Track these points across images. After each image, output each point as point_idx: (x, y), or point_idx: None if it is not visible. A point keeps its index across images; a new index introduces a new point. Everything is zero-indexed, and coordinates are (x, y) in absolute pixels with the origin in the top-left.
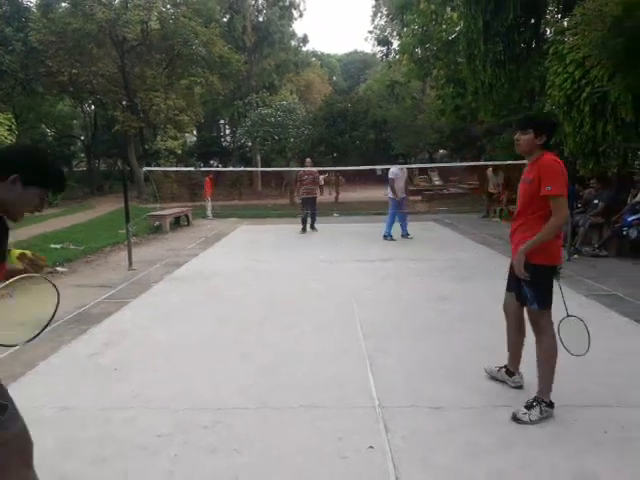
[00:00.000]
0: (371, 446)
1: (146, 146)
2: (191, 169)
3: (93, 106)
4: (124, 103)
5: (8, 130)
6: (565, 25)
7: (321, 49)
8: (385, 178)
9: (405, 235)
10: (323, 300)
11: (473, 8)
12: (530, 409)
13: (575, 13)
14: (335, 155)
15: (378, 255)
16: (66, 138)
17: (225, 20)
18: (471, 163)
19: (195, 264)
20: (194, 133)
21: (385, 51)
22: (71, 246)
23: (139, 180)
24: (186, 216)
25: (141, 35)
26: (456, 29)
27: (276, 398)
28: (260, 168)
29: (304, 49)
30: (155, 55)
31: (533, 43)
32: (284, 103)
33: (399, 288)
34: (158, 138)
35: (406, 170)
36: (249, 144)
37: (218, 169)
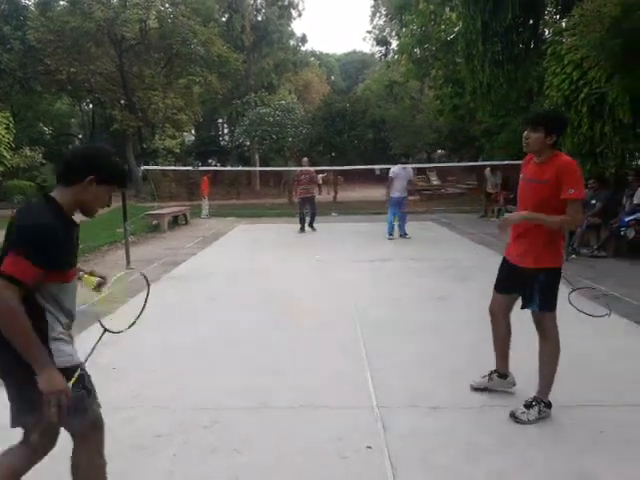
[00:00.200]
0: (369, 446)
1: (144, 145)
2: (189, 168)
3: (91, 105)
4: (122, 102)
5: (6, 128)
6: (563, 26)
7: (320, 49)
8: (384, 178)
9: (403, 235)
10: (322, 299)
11: (472, 8)
12: (529, 408)
13: (573, 14)
14: (333, 155)
15: (377, 255)
16: (64, 136)
17: (224, 19)
18: (469, 163)
19: (193, 263)
20: (192, 132)
21: (384, 51)
22: None
23: (137, 179)
24: (184, 215)
25: (139, 34)
26: (455, 29)
27: (276, 398)
28: (258, 167)
29: (303, 49)
30: (153, 54)
31: (531, 43)
32: (282, 102)
33: (398, 288)
34: (156, 137)
35: (410, 170)
36: (247, 143)
37: (216, 168)
